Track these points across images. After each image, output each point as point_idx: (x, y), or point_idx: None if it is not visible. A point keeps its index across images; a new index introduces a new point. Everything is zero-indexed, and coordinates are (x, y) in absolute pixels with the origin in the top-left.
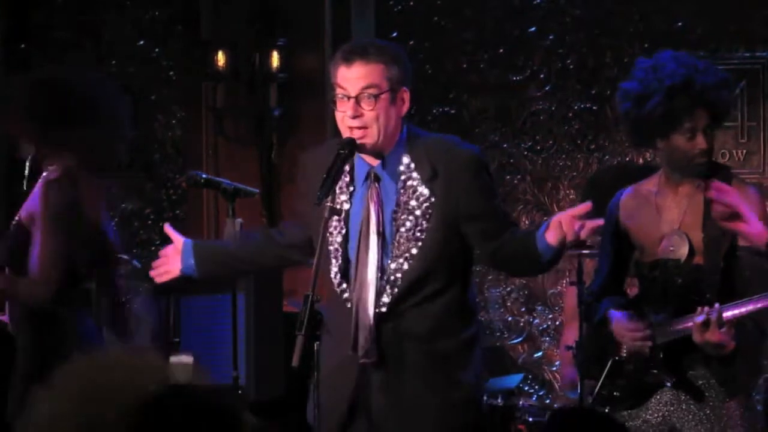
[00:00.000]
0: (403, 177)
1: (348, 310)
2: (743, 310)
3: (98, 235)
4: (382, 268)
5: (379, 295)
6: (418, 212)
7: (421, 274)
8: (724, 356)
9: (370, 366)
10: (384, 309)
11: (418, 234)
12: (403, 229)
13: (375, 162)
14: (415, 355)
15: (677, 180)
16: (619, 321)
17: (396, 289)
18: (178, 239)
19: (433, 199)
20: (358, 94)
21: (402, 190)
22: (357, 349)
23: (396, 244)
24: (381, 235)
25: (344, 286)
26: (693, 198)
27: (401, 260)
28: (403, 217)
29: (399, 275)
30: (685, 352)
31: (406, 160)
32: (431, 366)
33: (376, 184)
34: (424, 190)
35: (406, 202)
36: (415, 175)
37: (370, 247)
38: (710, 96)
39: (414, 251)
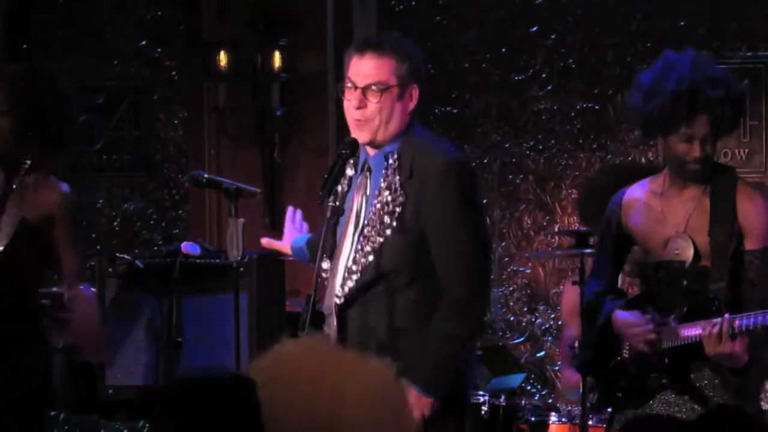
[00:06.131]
0: (384, 173)
1: (325, 288)
2: (755, 321)
3: None
4: (350, 258)
5: (342, 284)
6: (387, 209)
7: (380, 270)
8: (738, 368)
9: None
10: (343, 299)
11: (382, 230)
12: (370, 225)
13: (372, 152)
14: (374, 350)
15: (682, 182)
16: (625, 320)
17: (353, 282)
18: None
19: (402, 199)
20: (364, 86)
21: (382, 185)
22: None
23: (364, 236)
24: (358, 226)
25: (326, 266)
26: (699, 201)
27: (362, 253)
28: (374, 211)
29: (359, 267)
30: (690, 357)
31: (394, 156)
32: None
33: (368, 175)
34: (399, 189)
35: (383, 198)
36: (396, 172)
37: (347, 235)
38: (714, 109)
39: (376, 247)
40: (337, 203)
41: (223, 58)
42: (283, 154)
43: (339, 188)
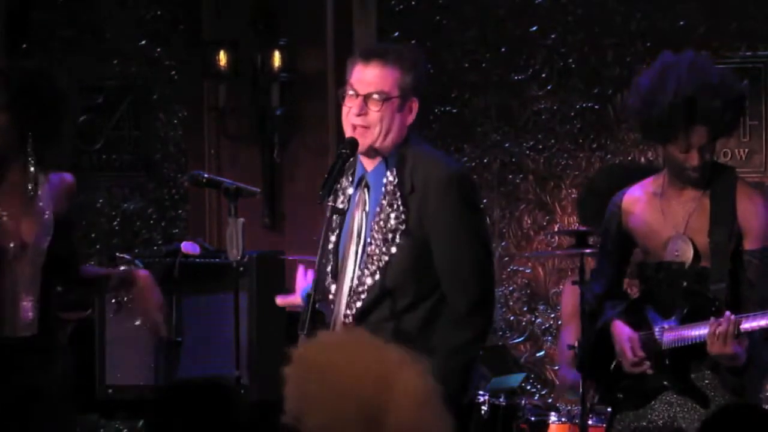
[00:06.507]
0: (384, 189)
1: (332, 310)
2: (762, 322)
3: None
4: (355, 278)
5: (348, 304)
6: (390, 226)
7: (385, 289)
8: (737, 367)
9: None
10: (350, 319)
11: (386, 249)
12: (373, 243)
13: (370, 167)
14: None
15: (681, 183)
16: (622, 341)
17: (360, 302)
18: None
19: (404, 216)
20: (366, 94)
21: (383, 202)
22: None
23: (367, 255)
24: (360, 243)
25: (333, 287)
26: (699, 202)
27: (367, 272)
28: (377, 229)
29: (365, 288)
30: (689, 357)
31: (393, 171)
32: None
33: (366, 191)
34: (401, 206)
35: (384, 215)
36: (396, 188)
37: (350, 254)
38: (713, 117)
39: (380, 265)
40: (340, 205)
41: (222, 58)
42: (283, 154)
43: (340, 187)
